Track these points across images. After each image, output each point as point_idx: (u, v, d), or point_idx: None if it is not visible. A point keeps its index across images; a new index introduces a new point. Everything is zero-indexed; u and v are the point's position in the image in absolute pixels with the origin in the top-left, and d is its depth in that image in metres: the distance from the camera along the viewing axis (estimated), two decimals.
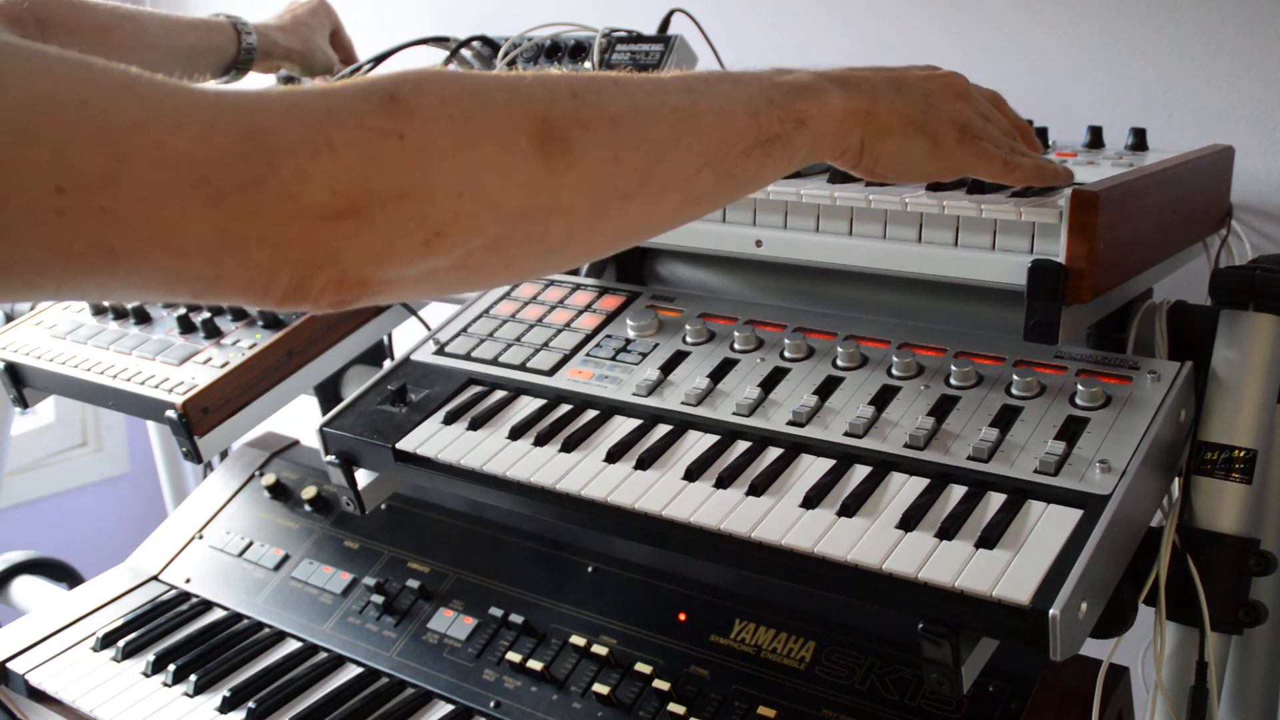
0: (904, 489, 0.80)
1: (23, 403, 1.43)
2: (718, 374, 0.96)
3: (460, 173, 0.54)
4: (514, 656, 1.05)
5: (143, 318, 1.38)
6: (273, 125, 0.49)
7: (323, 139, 0.50)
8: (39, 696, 1.16)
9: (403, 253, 0.54)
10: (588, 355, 1.03)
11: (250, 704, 1.06)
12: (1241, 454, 0.82)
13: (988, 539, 0.74)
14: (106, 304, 1.40)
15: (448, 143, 0.54)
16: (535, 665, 1.03)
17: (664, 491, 0.84)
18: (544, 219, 0.59)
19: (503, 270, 0.61)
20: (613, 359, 1.01)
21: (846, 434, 0.86)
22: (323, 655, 1.14)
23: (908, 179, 0.80)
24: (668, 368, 0.98)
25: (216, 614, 1.24)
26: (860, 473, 0.83)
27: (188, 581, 1.30)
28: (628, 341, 1.03)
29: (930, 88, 0.78)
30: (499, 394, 1.01)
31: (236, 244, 0.49)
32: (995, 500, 0.78)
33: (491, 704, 1.03)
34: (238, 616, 1.22)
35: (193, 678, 1.11)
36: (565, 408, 0.97)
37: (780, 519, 0.79)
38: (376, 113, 0.52)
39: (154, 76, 0.48)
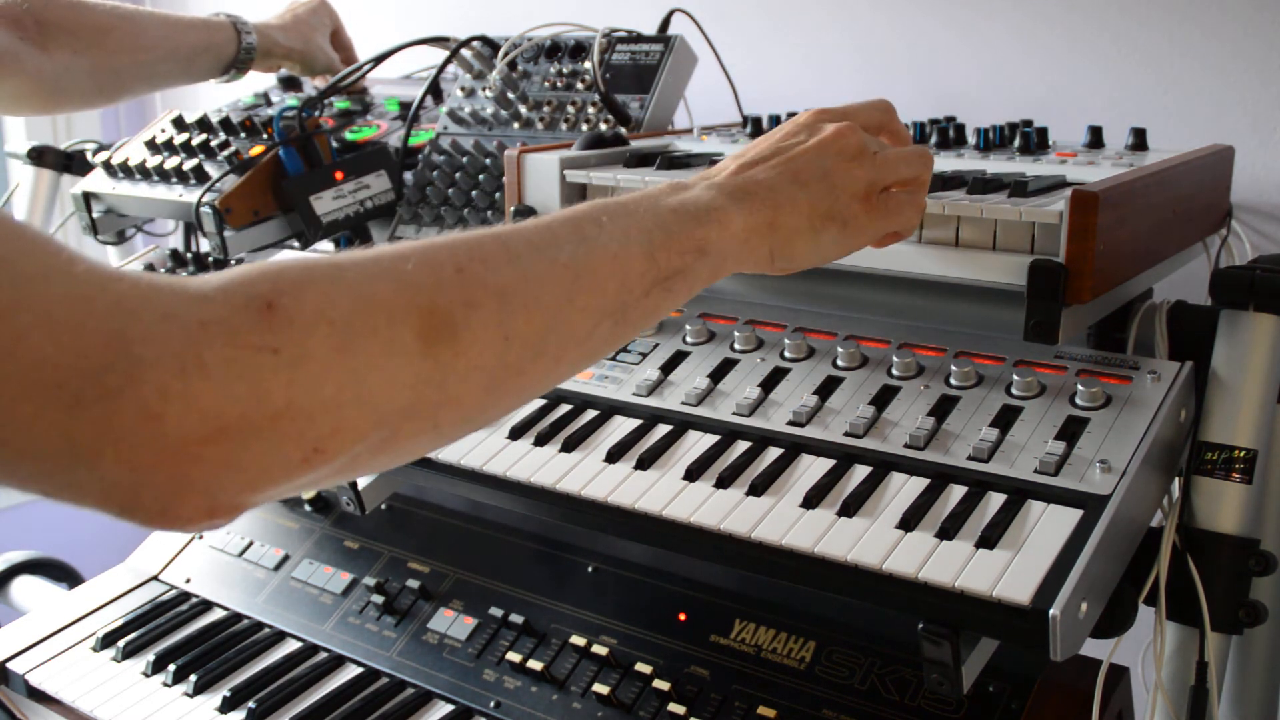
0: (904, 489, 0.80)
1: None
2: (718, 374, 0.96)
3: (340, 383, 0.51)
4: (514, 656, 1.05)
5: None
6: (141, 334, 0.45)
7: (192, 357, 0.46)
8: (39, 696, 1.16)
9: (279, 473, 0.50)
10: None
11: (250, 704, 1.06)
12: (1241, 454, 0.82)
13: (988, 539, 0.74)
14: None
15: (326, 350, 0.50)
16: (535, 665, 1.03)
17: (664, 491, 0.84)
18: (434, 413, 0.56)
19: (390, 463, 0.58)
20: (613, 359, 1.01)
21: (846, 434, 0.86)
22: (323, 655, 1.14)
23: (821, 264, 0.78)
24: (668, 368, 0.98)
25: (216, 614, 1.24)
26: (860, 473, 0.83)
27: (188, 581, 1.30)
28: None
29: (827, 165, 0.75)
30: None
31: (91, 457, 0.45)
32: (995, 500, 0.77)
33: (491, 704, 1.03)
34: (238, 616, 1.22)
35: (193, 678, 1.11)
36: (565, 408, 0.97)
37: (780, 519, 0.79)
38: (252, 328, 0.48)
39: (51, 249, 0.45)
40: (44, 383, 0.43)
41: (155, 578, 1.32)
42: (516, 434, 0.94)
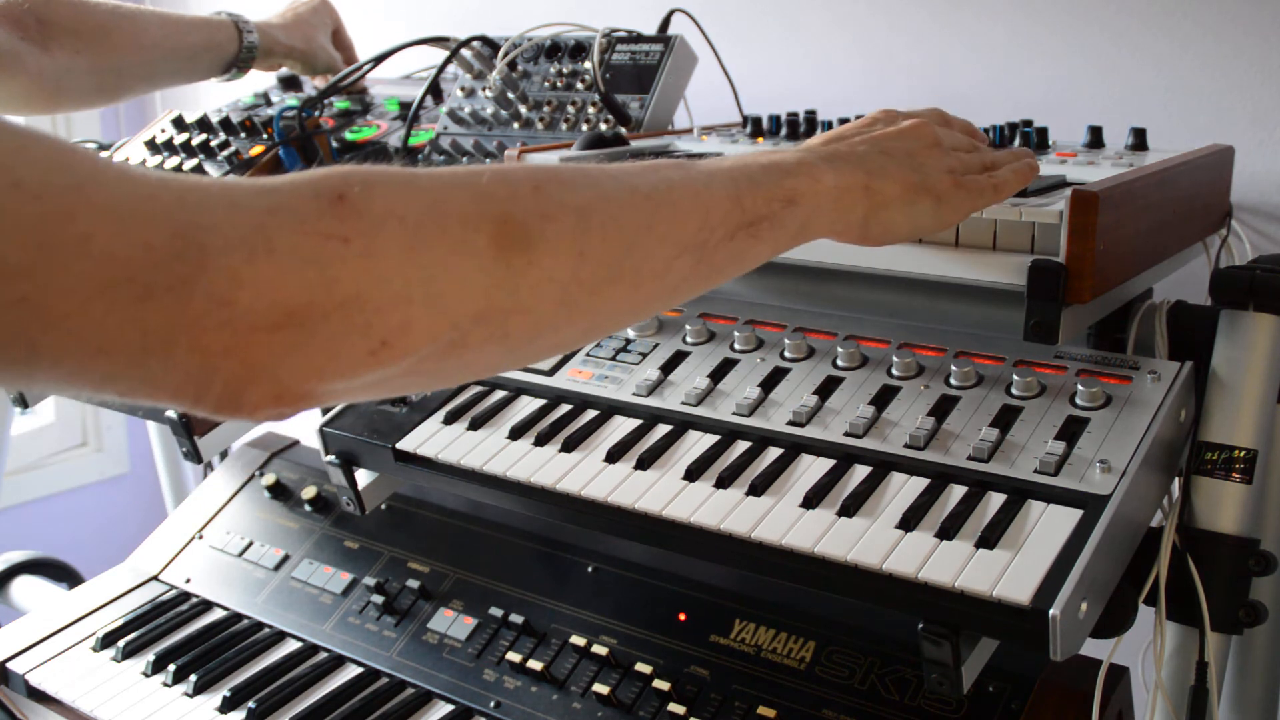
0: (904, 489, 0.80)
1: (23, 403, 1.43)
2: (718, 374, 0.96)
3: (409, 279, 0.51)
4: (514, 656, 1.05)
5: None
6: (208, 223, 0.46)
7: (261, 241, 0.47)
8: (39, 696, 1.16)
9: (346, 365, 0.50)
10: (588, 355, 1.03)
11: (250, 704, 1.06)
12: (1241, 454, 0.82)
13: (988, 539, 0.74)
14: None
15: (396, 246, 0.50)
16: (535, 665, 1.03)
17: (664, 491, 0.84)
18: (503, 320, 0.55)
19: (458, 373, 0.58)
20: (613, 359, 1.01)
21: (846, 434, 0.86)
22: (323, 655, 1.14)
23: (912, 239, 0.79)
24: (668, 368, 0.98)
25: (216, 614, 1.24)
26: (860, 473, 0.83)
27: (188, 581, 1.30)
28: (628, 341, 1.03)
29: (910, 146, 0.77)
30: (499, 394, 1.01)
31: (162, 348, 0.46)
32: (995, 500, 0.78)
33: (491, 704, 1.03)
34: (238, 616, 1.22)
35: (193, 678, 1.11)
36: (565, 408, 0.97)
37: (780, 519, 0.79)
38: (322, 215, 0.49)
39: (96, 160, 0.46)
40: (114, 278, 0.44)
41: (155, 578, 1.32)
42: (516, 434, 0.94)
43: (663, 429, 0.92)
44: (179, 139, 1.43)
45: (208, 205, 0.47)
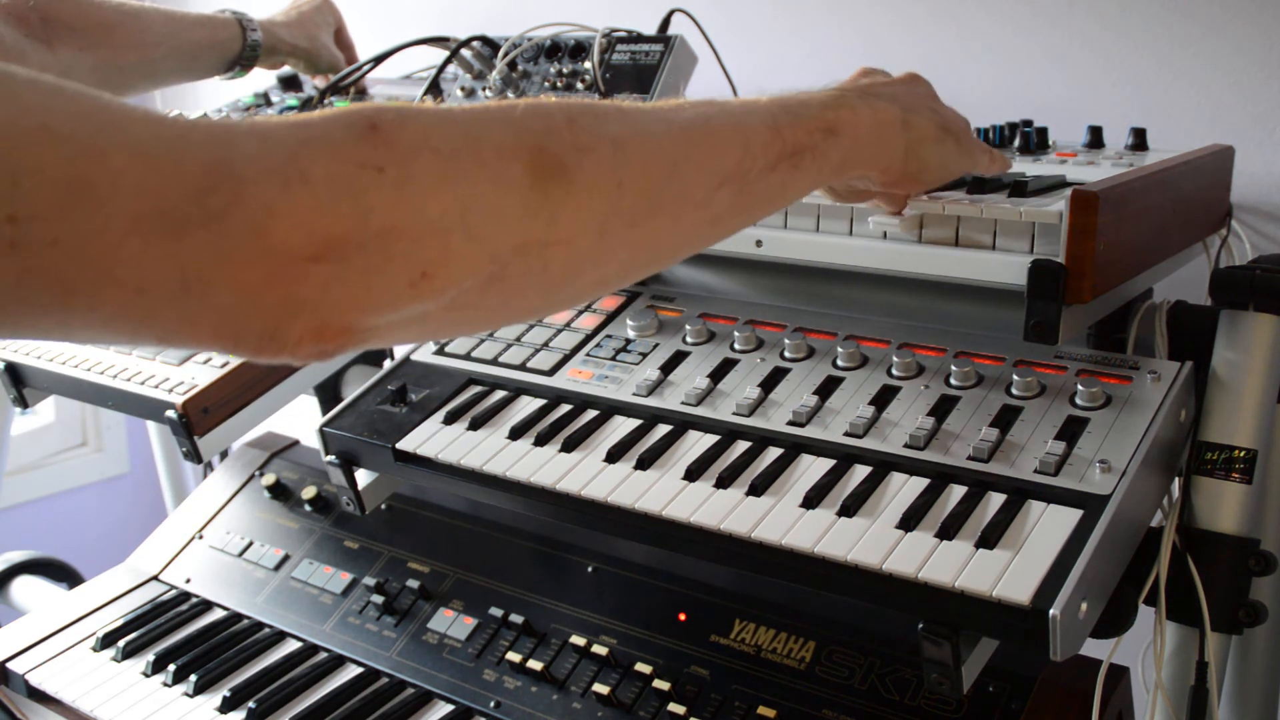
0: (904, 489, 0.80)
1: (23, 403, 1.43)
2: (718, 374, 0.96)
3: (446, 209, 0.50)
4: (514, 656, 1.05)
5: None
6: (241, 156, 0.46)
7: (295, 171, 0.46)
8: (39, 696, 1.16)
9: (387, 297, 0.50)
10: (588, 355, 1.03)
11: (250, 704, 1.06)
12: (1241, 454, 0.82)
13: (988, 539, 0.74)
14: None
15: (432, 176, 0.50)
16: (535, 665, 1.03)
17: (664, 491, 0.84)
18: (542, 252, 0.55)
19: (500, 310, 0.57)
20: (613, 359, 1.01)
21: (846, 434, 0.86)
22: (323, 655, 1.14)
23: (938, 183, 0.82)
24: (668, 368, 0.98)
25: (216, 614, 1.24)
26: (860, 473, 0.83)
27: (188, 581, 1.30)
28: (628, 341, 1.03)
29: (922, 92, 0.80)
30: (499, 394, 1.01)
31: (200, 285, 0.45)
32: (995, 500, 0.77)
33: (491, 704, 1.03)
34: (238, 616, 1.22)
35: (193, 678, 1.11)
36: (565, 408, 0.97)
37: (780, 519, 0.79)
38: (356, 144, 0.48)
39: (123, 104, 0.45)
40: (148, 215, 0.43)
41: (155, 578, 1.32)
42: (516, 434, 0.94)
43: (663, 429, 0.92)
44: None
45: (239, 140, 0.46)
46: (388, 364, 1.28)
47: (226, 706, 1.08)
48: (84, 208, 0.42)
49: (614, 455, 0.89)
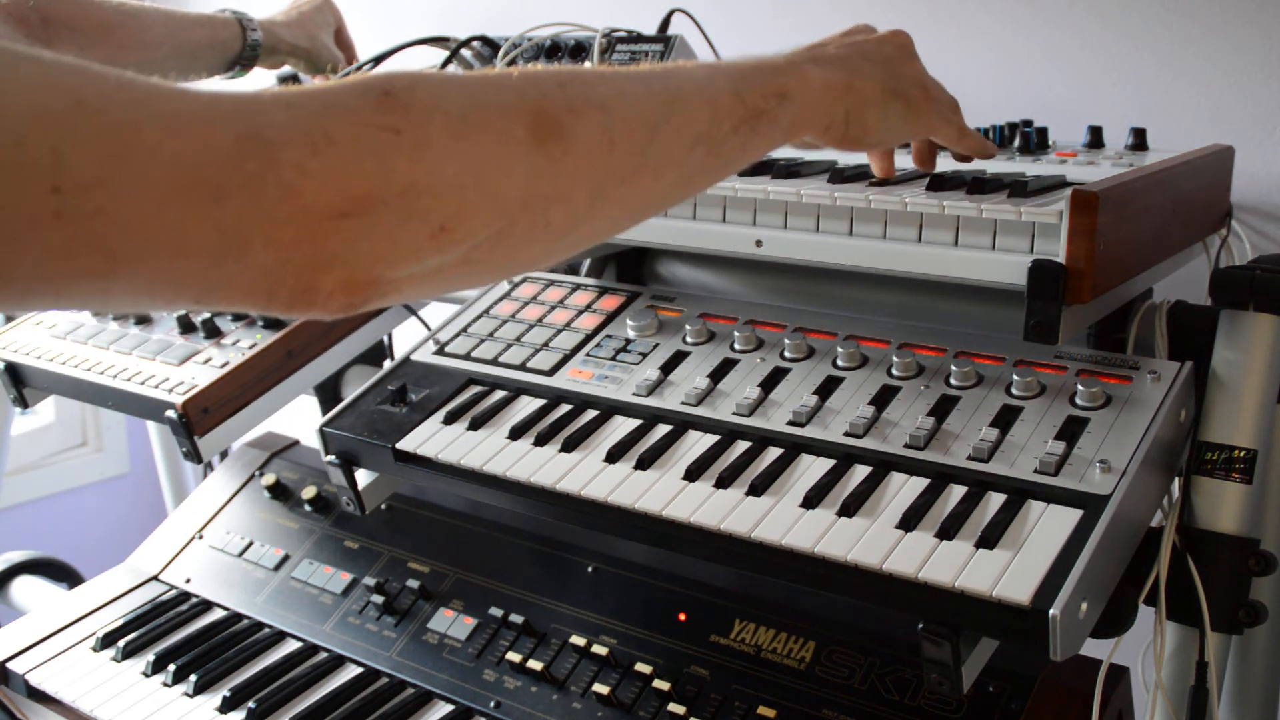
0: (904, 489, 0.80)
1: (23, 403, 1.43)
2: (718, 374, 0.96)
3: (461, 166, 0.54)
4: (514, 656, 1.05)
5: (143, 318, 1.38)
6: (269, 123, 0.49)
7: (321, 135, 0.50)
8: (39, 696, 1.16)
9: (410, 249, 0.54)
10: (588, 355, 1.03)
11: (250, 704, 1.06)
12: (1241, 454, 0.82)
13: (988, 539, 0.74)
14: None
15: (445, 138, 0.54)
16: (535, 665, 1.03)
17: (664, 491, 0.84)
18: (545, 208, 0.59)
19: (507, 262, 0.61)
20: (613, 359, 1.01)
21: (846, 434, 0.86)
22: (323, 655, 1.14)
23: (886, 144, 0.85)
24: (668, 368, 0.98)
25: (216, 614, 1.24)
26: (860, 473, 0.83)
27: (188, 581, 1.30)
28: (628, 341, 1.03)
29: (888, 52, 0.83)
30: (499, 394, 1.01)
31: (238, 245, 0.48)
32: (995, 500, 0.77)
33: (491, 704, 1.03)
34: (238, 616, 1.22)
35: (193, 678, 1.11)
36: (565, 408, 0.97)
37: (780, 519, 0.79)
38: (374, 109, 0.52)
39: (149, 79, 0.48)
40: (187, 181, 0.46)
41: (155, 578, 1.32)
42: (516, 434, 0.94)
43: (663, 429, 0.92)
44: None
45: (265, 108, 0.49)
46: (388, 364, 1.28)
47: (226, 706, 1.08)
48: (125, 177, 0.45)
49: (614, 455, 0.89)
